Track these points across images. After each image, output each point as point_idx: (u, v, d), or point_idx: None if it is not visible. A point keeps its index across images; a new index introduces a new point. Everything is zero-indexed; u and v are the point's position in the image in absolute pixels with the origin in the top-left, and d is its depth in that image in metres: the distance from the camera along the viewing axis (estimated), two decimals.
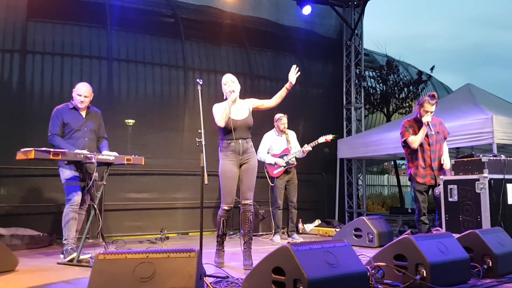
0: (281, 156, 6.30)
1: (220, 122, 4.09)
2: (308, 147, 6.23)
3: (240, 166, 4.18)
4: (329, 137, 6.28)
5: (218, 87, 7.96)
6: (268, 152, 6.36)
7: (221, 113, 4.09)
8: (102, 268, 2.27)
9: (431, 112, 4.85)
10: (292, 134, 6.48)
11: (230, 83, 4.19)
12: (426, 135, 4.90)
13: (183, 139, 7.43)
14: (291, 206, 6.44)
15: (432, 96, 4.89)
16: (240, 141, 4.13)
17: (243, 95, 4.35)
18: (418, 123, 4.96)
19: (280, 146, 6.37)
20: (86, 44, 6.97)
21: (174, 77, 7.64)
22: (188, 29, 7.89)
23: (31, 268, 4.07)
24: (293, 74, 4.22)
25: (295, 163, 6.36)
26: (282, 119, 6.40)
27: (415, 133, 4.91)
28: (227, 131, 4.13)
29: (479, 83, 8.07)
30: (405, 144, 4.99)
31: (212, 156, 4.30)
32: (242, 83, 8.18)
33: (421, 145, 4.91)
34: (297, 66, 4.23)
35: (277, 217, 6.38)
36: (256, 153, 4.53)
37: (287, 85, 4.20)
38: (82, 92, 4.66)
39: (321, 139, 6.28)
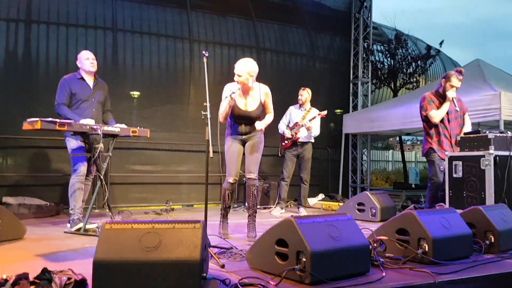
0: (292, 129, 6.30)
1: (221, 118, 4.06)
2: (308, 123, 6.16)
3: (245, 143, 4.23)
4: (323, 112, 6.22)
5: (224, 60, 7.98)
6: (288, 125, 6.39)
7: (223, 108, 4.02)
8: (108, 237, 2.31)
9: (456, 88, 4.78)
10: (313, 112, 6.34)
11: (246, 74, 4.01)
12: (447, 111, 4.82)
13: (188, 112, 7.42)
14: (301, 181, 6.43)
15: (460, 72, 4.80)
16: (243, 125, 4.17)
17: None
18: (439, 97, 4.87)
19: (296, 119, 6.37)
20: (91, 14, 6.90)
21: (179, 49, 7.57)
22: None
23: (39, 236, 4.15)
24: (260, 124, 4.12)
25: (298, 137, 6.25)
26: (300, 92, 6.41)
27: (437, 107, 4.83)
28: (232, 114, 4.15)
29: (489, 59, 7.96)
30: (426, 118, 4.90)
31: (217, 129, 4.30)
32: (249, 56, 8.11)
33: (442, 120, 4.83)
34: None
35: (281, 189, 6.44)
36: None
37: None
38: (89, 55, 4.68)
39: (317, 116, 6.21)
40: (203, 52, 3.90)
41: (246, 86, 4.08)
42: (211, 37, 7.86)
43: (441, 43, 11.44)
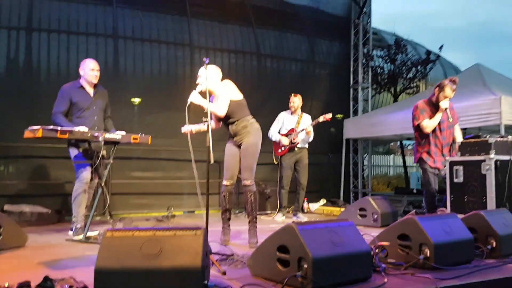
0: (287, 136, 6.31)
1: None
2: (309, 127, 6.18)
3: (239, 146, 4.23)
4: (328, 115, 6.21)
5: (224, 66, 7.98)
6: (280, 131, 6.39)
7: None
8: (110, 245, 2.31)
9: (450, 98, 4.77)
10: (306, 118, 6.40)
11: (202, 76, 4.12)
12: (440, 120, 4.79)
13: (189, 119, 7.41)
14: (299, 187, 6.42)
15: (454, 82, 4.76)
16: (229, 126, 4.23)
17: (250, 75, 4.31)
18: (432, 106, 4.84)
19: (289, 125, 6.37)
20: (92, 22, 6.93)
21: (180, 55, 7.59)
22: (194, 6, 7.81)
23: (40, 244, 4.15)
24: None
25: (298, 142, 6.26)
26: (290, 98, 6.40)
27: (429, 117, 4.81)
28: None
29: (489, 62, 7.98)
30: (417, 128, 4.87)
31: (217, 135, 4.32)
32: (249, 63, 8.16)
33: (434, 130, 4.80)
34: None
35: (282, 196, 6.43)
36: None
37: None
38: (94, 66, 4.68)
39: (321, 118, 6.22)
40: (204, 58, 3.92)
41: (203, 87, 4.06)
42: (211, 44, 7.88)
43: (440, 48, 11.46)
